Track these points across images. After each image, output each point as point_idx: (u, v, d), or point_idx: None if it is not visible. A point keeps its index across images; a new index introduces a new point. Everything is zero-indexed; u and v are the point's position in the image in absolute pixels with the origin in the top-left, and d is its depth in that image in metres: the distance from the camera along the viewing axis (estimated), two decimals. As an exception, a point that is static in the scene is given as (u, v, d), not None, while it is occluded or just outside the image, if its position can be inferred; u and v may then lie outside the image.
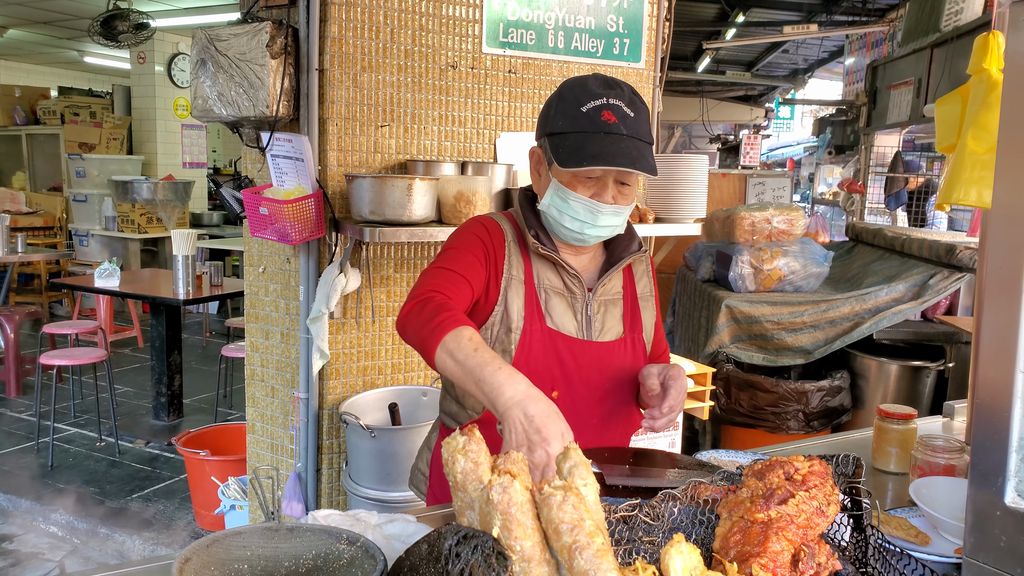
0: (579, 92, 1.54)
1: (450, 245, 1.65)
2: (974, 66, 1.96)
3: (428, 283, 1.54)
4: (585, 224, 1.57)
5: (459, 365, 1.35)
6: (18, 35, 10.37)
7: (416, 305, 1.48)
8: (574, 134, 1.51)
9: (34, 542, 4.00)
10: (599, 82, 1.55)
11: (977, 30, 4.96)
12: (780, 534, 1.06)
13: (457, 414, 1.72)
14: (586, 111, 1.51)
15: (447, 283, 1.54)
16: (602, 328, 1.68)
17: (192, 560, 1.05)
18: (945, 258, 4.00)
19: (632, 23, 3.29)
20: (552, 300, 1.64)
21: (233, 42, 2.74)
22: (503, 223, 1.68)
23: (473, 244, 1.62)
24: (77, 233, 9.05)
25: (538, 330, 1.61)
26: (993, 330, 1.24)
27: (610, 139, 1.49)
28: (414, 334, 1.45)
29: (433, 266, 1.60)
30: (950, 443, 1.72)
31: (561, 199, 1.56)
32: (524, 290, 1.62)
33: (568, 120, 1.52)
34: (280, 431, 3.14)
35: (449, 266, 1.58)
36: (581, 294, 1.66)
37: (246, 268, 3.20)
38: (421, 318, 1.44)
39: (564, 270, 1.64)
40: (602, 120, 1.50)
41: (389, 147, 2.93)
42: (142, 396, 6.01)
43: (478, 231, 1.65)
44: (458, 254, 1.61)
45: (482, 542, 0.91)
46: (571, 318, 1.64)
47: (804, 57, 11.51)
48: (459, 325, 1.39)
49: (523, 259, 1.64)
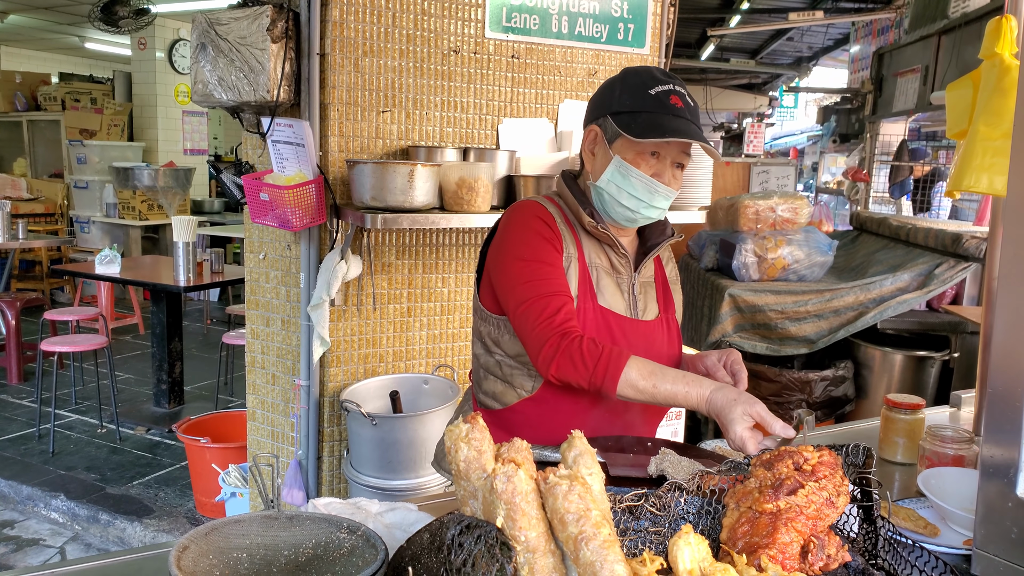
0: (645, 77, 1.61)
1: (527, 256, 1.63)
2: (986, 50, 1.93)
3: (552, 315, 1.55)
4: (641, 203, 1.62)
5: (648, 396, 1.50)
6: (19, 21, 10.31)
7: (564, 347, 1.52)
8: (645, 114, 1.57)
9: (35, 528, 4.00)
10: (661, 72, 1.63)
11: (985, 17, 4.91)
12: (789, 525, 1.04)
13: (503, 394, 1.73)
14: (655, 94, 1.58)
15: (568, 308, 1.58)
16: (645, 308, 1.74)
17: (190, 548, 1.03)
18: (951, 247, 3.97)
19: (636, 8, 3.25)
20: (603, 279, 1.68)
21: (233, 26, 2.71)
22: (549, 207, 1.70)
23: (547, 249, 1.63)
24: (78, 220, 9.03)
25: (591, 308, 1.65)
26: (1006, 319, 1.22)
27: (679, 121, 1.57)
28: (578, 379, 1.52)
29: (536, 295, 1.58)
30: (959, 433, 1.70)
31: (623, 175, 1.61)
32: (578, 269, 1.66)
33: (638, 100, 1.59)
34: (281, 418, 3.12)
35: (554, 290, 1.59)
36: (627, 274, 1.72)
37: (246, 255, 3.18)
38: (582, 363, 1.51)
39: (614, 250, 1.70)
40: (671, 103, 1.58)
41: (391, 133, 2.90)
42: (143, 383, 6.00)
43: (540, 228, 1.65)
44: (549, 270, 1.61)
45: (485, 532, 0.89)
46: (620, 297, 1.70)
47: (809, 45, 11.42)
48: (624, 362, 1.50)
49: (575, 239, 1.68)
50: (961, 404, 2.26)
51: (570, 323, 1.56)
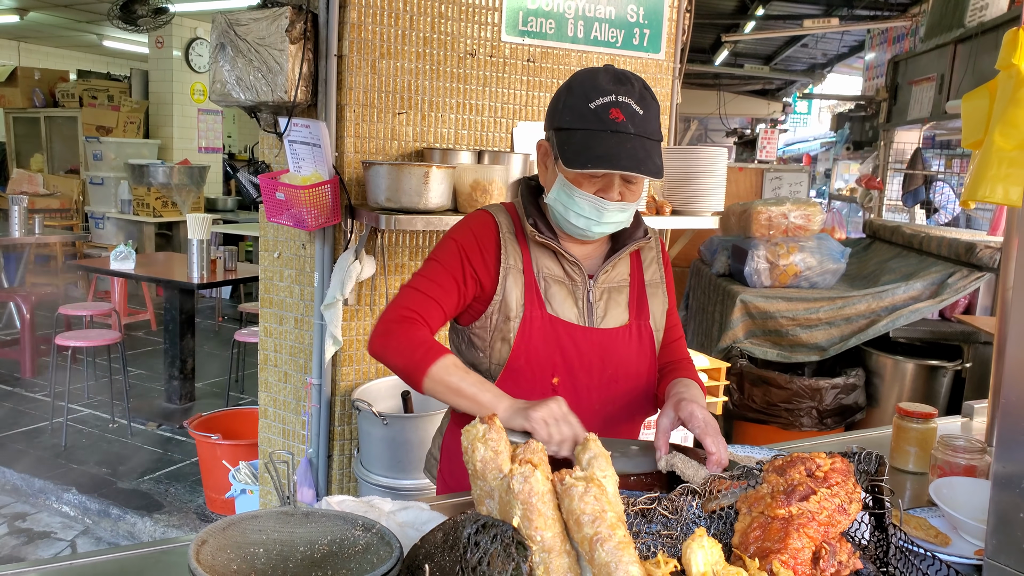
0: (588, 87, 1.52)
1: (433, 255, 1.67)
2: (1003, 61, 1.93)
3: (400, 306, 1.59)
4: (591, 221, 1.56)
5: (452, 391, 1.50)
6: (39, 18, 10.41)
7: (393, 330, 1.55)
8: (581, 131, 1.49)
9: (47, 521, 4.03)
10: (609, 77, 1.52)
11: (1003, 26, 4.89)
12: (801, 531, 1.04)
13: None
14: (594, 108, 1.49)
15: (420, 307, 1.59)
16: (604, 315, 1.67)
17: (208, 543, 1.05)
18: (964, 257, 3.96)
19: (652, 13, 3.26)
20: (552, 288, 1.64)
21: (252, 27, 2.73)
22: (499, 215, 1.68)
23: (451, 256, 1.64)
24: (93, 216, 9.10)
25: (538, 317, 1.62)
26: (1021, 329, 1.22)
27: (617, 139, 1.47)
28: (394, 360, 1.55)
29: (410, 285, 1.63)
30: (971, 443, 1.70)
31: (567, 195, 1.56)
32: (523, 279, 1.63)
33: (576, 116, 1.50)
34: (292, 416, 3.14)
35: (423, 288, 1.61)
36: (582, 281, 1.66)
37: (261, 253, 3.20)
38: (400, 346, 1.54)
39: (564, 258, 1.65)
40: (610, 118, 1.47)
41: (406, 134, 2.92)
42: (155, 379, 6.04)
43: (461, 236, 1.66)
44: (436, 270, 1.63)
45: (501, 531, 0.90)
46: (571, 305, 1.65)
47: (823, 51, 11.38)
48: (440, 355, 1.51)
49: (521, 248, 1.65)
50: (973, 414, 2.25)
51: (414, 315, 1.57)
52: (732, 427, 4.15)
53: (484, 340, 1.64)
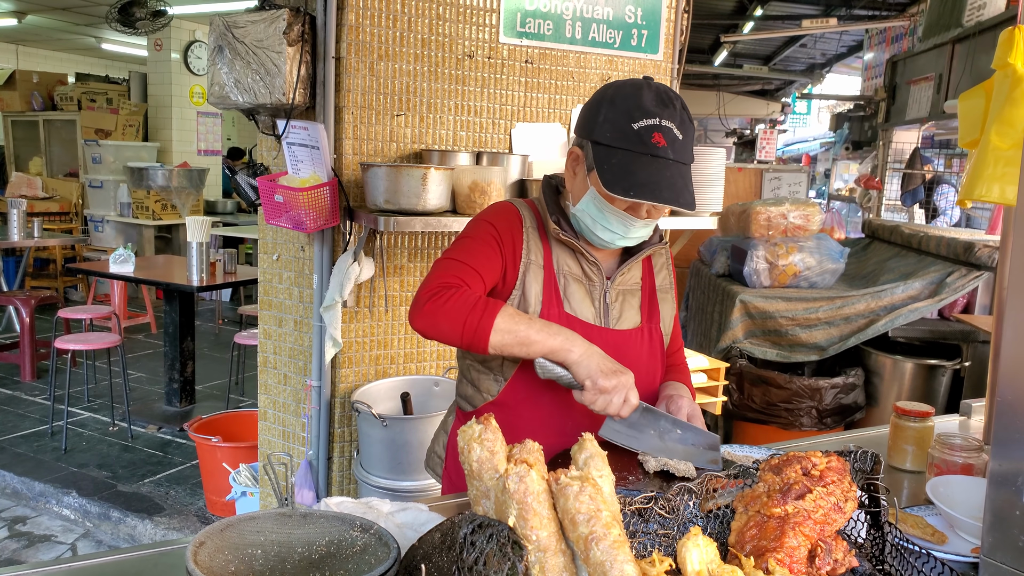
0: (632, 105, 1.50)
1: (465, 234, 1.67)
2: (999, 61, 1.94)
3: (443, 274, 1.56)
4: (616, 235, 1.59)
5: (522, 340, 1.49)
6: (36, 21, 10.41)
7: (441, 295, 1.51)
8: (622, 152, 1.49)
9: (47, 524, 4.04)
10: (653, 96, 1.51)
11: (1000, 26, 4.90)
12: (797, 529, 1.05)
13: (472, 397, 1.74)
14: (637, 129, 1.47)
15: (462, 274, 1.56)
16: (619, 316, 1.70)
17: (206, 544, 1.05)
18: (963, 256, 3.96)
19: (650, 14, 3.26)
20: (571, 286, 1.66)
21: (250, 29, 2.74)
22: (523, 209, 1.69)
23: (486, 234, 1.63)
24: (92, 219, 9.10)
25: (556, 315, 1.63)
26: (1016, 328, 1.22)
27: (656, 165, 1.47)
28: (450, 323, 1.50)
29: (446, 257, 1.61)
30: (968, 442, 1.70)
31: (597, 209, 1.57)
32: (543, 275, 1.64)
33: (617, 134, 1.49)
34: (292, 419, 3.15)
35: (461, 258, 1.59)
36: (600, 282, 1.68)
37: (260, 255, 3.21)
38: (456, 308, 1.49)
39: (584, 257, 1.66)
40: (652, 142, 1.47)
41: (405, 136, 2.93)
42: (155, 382, 6.05)
43: (493, 219, 1.66)
44: (472, 244, 1.62)
45: (497, 531, 0.91)
46: (589, 305, 1.66)
47: (822, 51, 11.40)
48: (500, 306, 1.49)
49: (542, 245, 1.66)
50: (971, 413, 2.25)
51: (459, 281, 1.54)
52: (732, 427, 4.15)
53: None
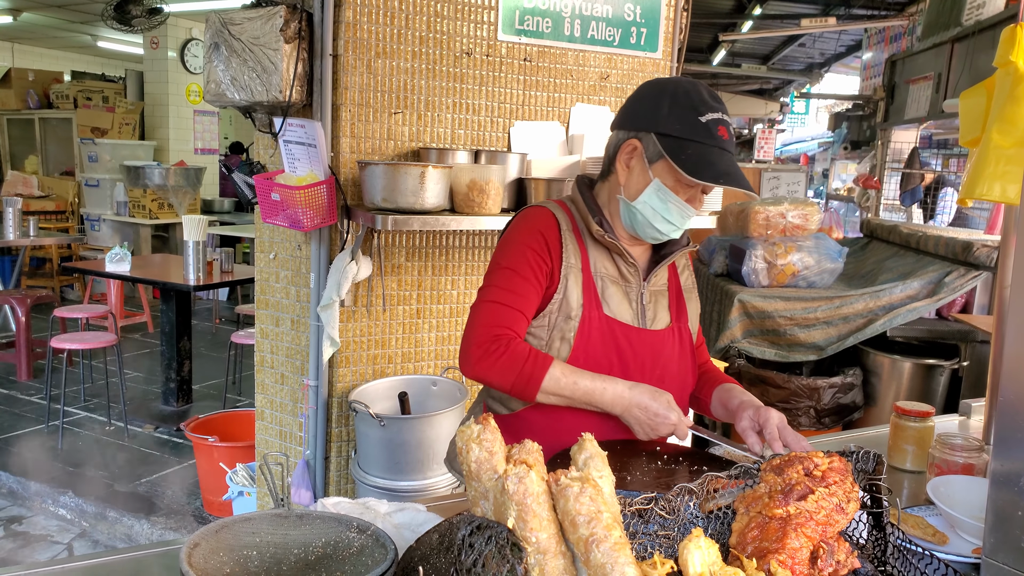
0: (696, 100, 1.56)
1: (505, 264, 1.66)
2: (1000, 59, 1.93)
3: (490, 322, 1.59)
4: (672, 226, 1.63)
5: (567, 400, 1.59)
6: (32, 19, 10.37)
7: (492, 351, 1.56)
8: (694, 144, 1.54)
9: (43, 524, 4.02)
10: (709, 94, 1.58)
11: (999, 24, 4.90)
12: (799, 530, 1.04)
13: (509, 399, 1.74)
14: (705, 122, 1.54)
15: (508, 321, 1.60)
16: (654, 317, 1.72)
17: (201, 545, 1.04)
18: (961, 256, 3.96)
19: (649, 12, 3.25)
20: (608, 288, 1.68)
21: (247, 26, 2.72)
22: (557, 212, 1.70)
23: (523, 260, 1.64)
24: (89, 218, 9.08)
25: (596, 318, 1.65)
26: (1018, 327, 1.21)
27: (725, 156, 1.55)
28: (500, 380, 1.58)
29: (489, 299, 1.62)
30: (968, 442, 1.69)
31: (661, 200, 1.60)
32: (582, 278, 1.65)
33: (687, 127, 1.54)
34: (289, 418, 3.13)
35: (505, 301, 1.61)
36: (636, 283, 1.70)
37: (257, 254, 3.19)
38: (506, 367, 1.56)
39: (623, 259, 1.68)
40: (718, 134, 1.54)
41: (402, 134, 2.91)
42: (151, 381, 6.03)
43: (529, 236, 1.66)
44: (513, 278, 1.63)
45: (496, 533, 0.90)
46: (627, 307, 1.69)
47: (821, 51, 11.39)
48: (548, 365, 1.56)
49: (579, 247, 1.67)
50: (971, 413, 2.25)
51: (507, 331, 1.58)
52: (730, 427, 4.14)
53: (542, 339, 1.66)
